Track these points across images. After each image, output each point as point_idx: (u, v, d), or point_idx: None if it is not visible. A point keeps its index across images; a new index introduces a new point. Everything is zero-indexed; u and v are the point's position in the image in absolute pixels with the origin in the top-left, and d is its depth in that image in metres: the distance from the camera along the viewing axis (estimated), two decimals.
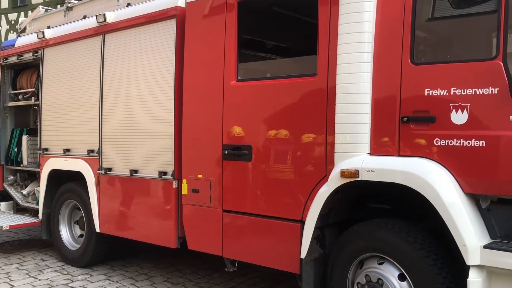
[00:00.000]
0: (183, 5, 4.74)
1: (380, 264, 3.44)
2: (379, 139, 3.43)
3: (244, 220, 4.23)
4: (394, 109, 3.35)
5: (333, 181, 3.54)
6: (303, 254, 3.70)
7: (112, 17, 5.44)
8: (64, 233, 6.17)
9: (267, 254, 4.08)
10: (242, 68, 4.40)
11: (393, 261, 3.35)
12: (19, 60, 6.83)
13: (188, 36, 4.63)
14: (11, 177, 7.11)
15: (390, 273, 3.37)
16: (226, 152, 4.31)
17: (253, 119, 4.16)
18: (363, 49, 3.43)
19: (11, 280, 5.46)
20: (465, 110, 3.08)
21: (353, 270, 3.60)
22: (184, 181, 4.64)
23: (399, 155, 3.34)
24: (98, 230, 5.54)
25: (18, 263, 6.09)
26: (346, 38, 3.50)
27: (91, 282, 5.36)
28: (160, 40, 4.89)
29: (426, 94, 3.23)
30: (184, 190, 4.64)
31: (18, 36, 7.15)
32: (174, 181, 4.74)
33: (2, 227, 6.20)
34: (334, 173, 3.53)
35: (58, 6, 7.14)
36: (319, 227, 3.69)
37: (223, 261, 4.49)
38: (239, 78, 4.29)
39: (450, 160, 3.14)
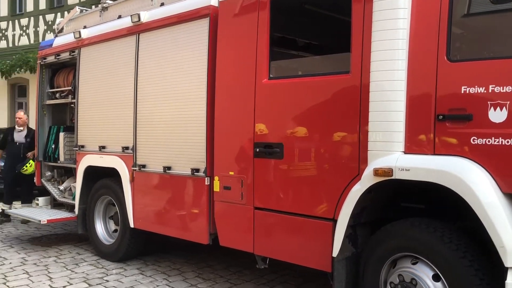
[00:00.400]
0: (216, 4, 4.78)
1: (414, 264, 3.39)
2: (413, 138, 3.38)
3: (275, 217, 4.24)
4: (429, 107, 3.30)
5: (366, 180, 3.50)
6: (335, 253, 3.68)
7: (146, 16, 5.54)
8: (99, 228, 6.32)
9: (298, 252, 4.08)
10: (274, 66, 4.40)
11: (428, 261, 3.30)
12: (56, 60, 7.03)
13: (221, 35, 4.67)
14: (48, 173, 7.35)
15: (424, 273, 3.31)
16: (257, 150, 4.32)
17: (285, 117, 4.16)
18: (398, 46, 3.39)
19: (49, 272, 5.64)
20: (504, 108, 3.00)
21: (386, 270, 3.56)
22: (216, 178, 4.69)
23: (434, 154, 3.28)
24: (132, 225, 5.66)
25: (55, 256, 6.29)
26: (380, 35, 3.46)
27: (125, 276, 5.48)
28: (193, 39, 4.95)
29: (462, 92, 3.16)
30: (216, 187, 4.69)
31: (56, 36, 7.37)
32: (206, 178, 4.79)
33: (40, 221, 6.42)
34: (367, 172, 3.50)
35: (93, 7, 7.31)
36: (351, 226, 3.67)
37: (254, 258, 4.51)
38: (271, 76, 4.30)
39: (488, 159, 3.06)
